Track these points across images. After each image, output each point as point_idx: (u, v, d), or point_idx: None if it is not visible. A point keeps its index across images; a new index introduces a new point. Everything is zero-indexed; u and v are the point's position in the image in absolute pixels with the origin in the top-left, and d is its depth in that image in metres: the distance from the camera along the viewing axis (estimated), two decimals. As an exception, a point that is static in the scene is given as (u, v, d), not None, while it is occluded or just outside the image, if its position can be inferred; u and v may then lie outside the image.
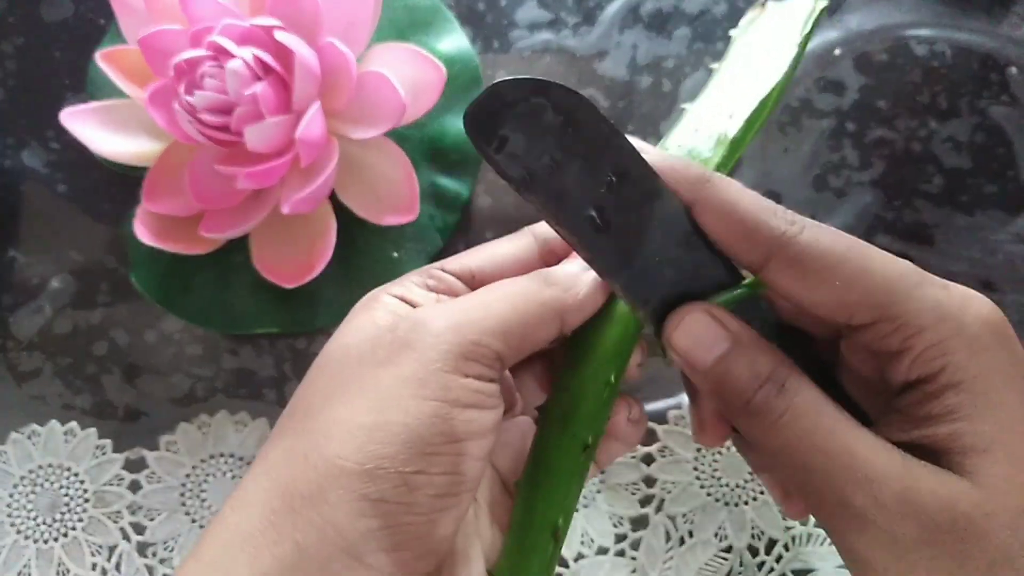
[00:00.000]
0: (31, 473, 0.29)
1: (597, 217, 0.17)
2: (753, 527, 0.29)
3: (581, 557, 0.29)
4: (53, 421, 0.30)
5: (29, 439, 0.30)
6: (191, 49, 0.25)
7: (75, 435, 0.30)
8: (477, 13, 0.32)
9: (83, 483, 0.29)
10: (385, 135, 0.27)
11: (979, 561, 0.15)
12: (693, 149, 0.21)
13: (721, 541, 0.29)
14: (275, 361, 0.30)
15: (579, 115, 0.16)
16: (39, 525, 0.29)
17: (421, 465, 0.16)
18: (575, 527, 0.29)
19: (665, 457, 0.29)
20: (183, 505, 0.29)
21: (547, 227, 0.21)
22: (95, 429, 0.30)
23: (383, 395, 0.17)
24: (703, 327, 0.18)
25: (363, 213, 0.28)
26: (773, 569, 0.29)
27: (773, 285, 0.17)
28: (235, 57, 0.25)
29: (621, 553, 0.29)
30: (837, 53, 0.32)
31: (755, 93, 0.21)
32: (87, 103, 0.28)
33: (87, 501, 0.29)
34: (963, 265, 0.30)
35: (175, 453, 0.30)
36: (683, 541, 0.29)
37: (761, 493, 0.29)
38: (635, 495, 0.29)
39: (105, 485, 0.29)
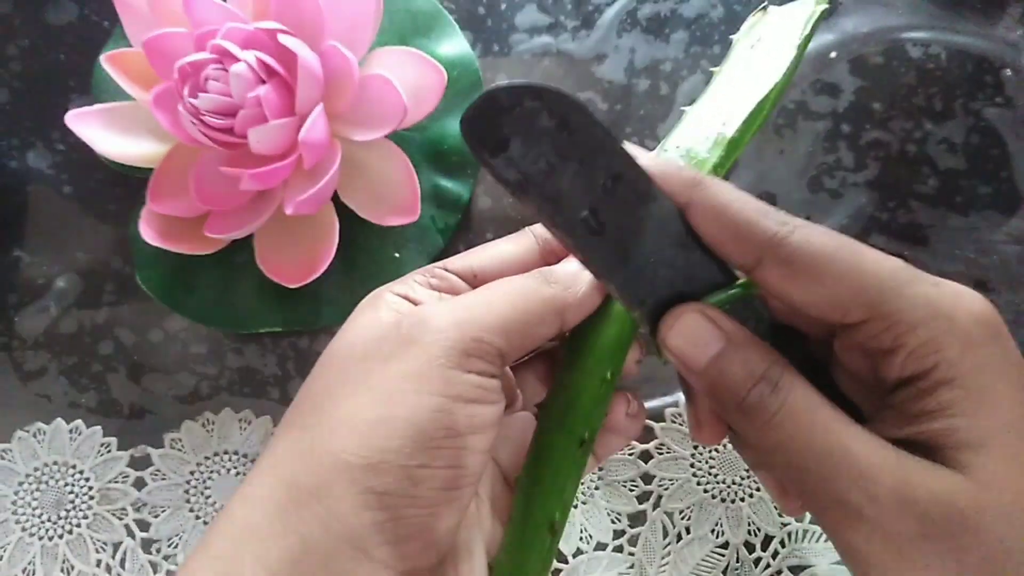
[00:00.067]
0: (36, 471, 0.30)
1: (592, 220, 0.17)
2: (750, 523, 0.29)
3: (579, 553, 0.29)
4: (58, 419, 0.30)
5: (34, 437, 0.30)
6: (195, 52, 0.26)
7: (80, 433, 0.30)
8: (477, 17, 0.33)
9: (88, 480, 0.30)
10: (387, 137, 0.27)
11: (975, 555, 0.15)
12: (691, 149, 0.21)
13: (718, 537, 0.29)
14: (278, 360, 0.31)
15: (573, 119, 0.16)
16: (44, 522, 0.30)
17: (424, 459, 0.17)
18: (574, 523, 0.29)
19: (662, 454, 0.30)
20: (187, 502, 0.30)
21: None
22: (100, 427, 0.30)
23: (387, 390, 0.17)
24: (697, 327, 0.18)
25: (365, 214, 0.28)
26: (769, 565, 0.29)
27: (766, 285, 0.17)
28: (239, 60, 0.25)
29: (619, 549, 0.29)
30: (833, 56, 0.32)
31: (753, 95, 0.21)
32: (92, 105, 0.28)
33: (92, 498, 0.30)
34: (958, 265, 0.31)
35: (180, 451, 0.30)
36: (680, 537, 0.29)
37: (757, 490, 0.29)
38: (633, 492, 0.30)
39: (110, 482, 0.30)
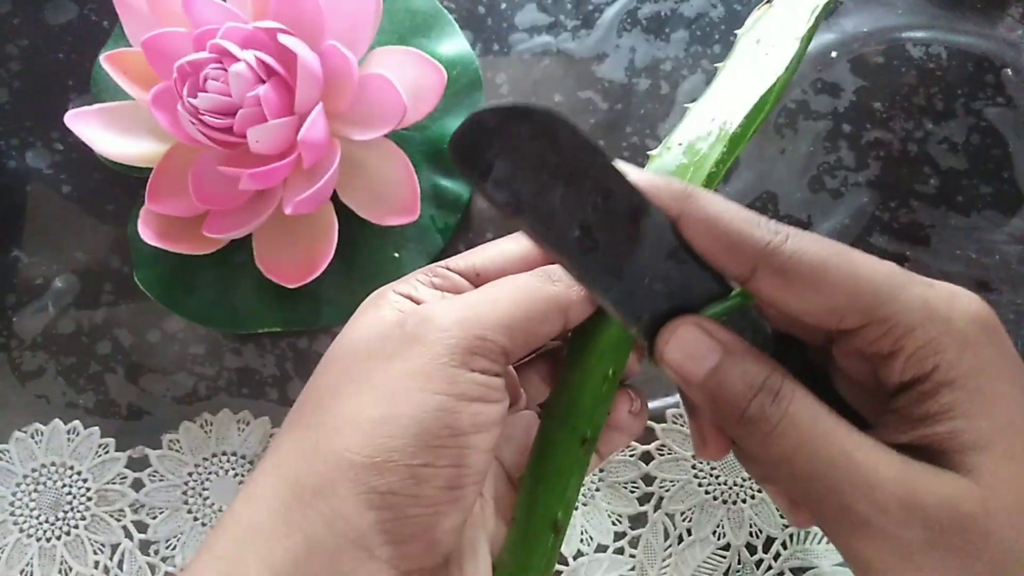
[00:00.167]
0: (34, 472, 0.30)
1: (584, 237, 0.17)
2: (751, 525, 0.29)
3: (580, 555, 0.29)
4: (56, 420, 0.30)
5: (32, 438, 0.30)
6: (195, 52, 0.26)
7: (78, 434, 0.30)
8: (477, 17, 0.32)
9: (86, 482, 0.30)
10: (386, 137, 0.27)
11: (984, 559, 0.15)
12: (694, 145, 0.21)
13: (719, 539, 0.29)
14: (277, 360, 0.31)
15: (562, 137, 0.17)
16: (42, 523, 0.29)
17: (428, 458, 0.17)
18: (574, 525, 0.29)
19: (664, 455, 0.30)
20: (186, 503, 0.29)
21: None
22: (98, 428, 0.30)
23: (391, 389, 0.17)
24: (694, 340, 0.18)
25: (365, 214, 0.28)
26: (771, 567, 0.29)
27: (761, 295, 0.17)
28: (238, 60, 0.25)
29: (620, 551, 0.29)
30: (833, 55, 0.32)
31: (756, 90, 0.21)
32: (91, 105, 0.28)
33: (90, 499, 0.29)
34: (959, 265, 0.31)
35: (178, 452, 0.30)
36: (682, 539, 0.29)
37: (759, 491, 0.29)
38: (634, 493, 0.29)
39: (108, 483, 0.30)
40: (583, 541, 0.29)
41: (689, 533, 0.29)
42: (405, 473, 0.16)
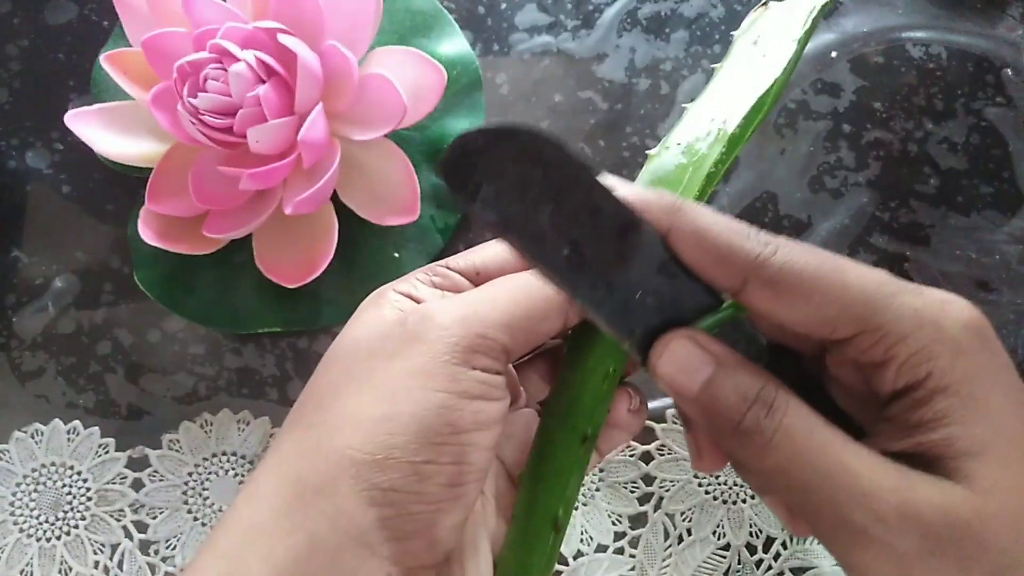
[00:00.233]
0: (34, 472, 0.30)
1: (574, 254, 0.17)
2: (751, 525, 0.29)
3: (580, 555, 0.29)
4: (56, 420, 0.30)
5: (32, 438, 0.30)
6: (195, 52, 0.26)
7: (78, 434, 0.30)
8: (477, 17, 0.32)
9: (86, 482, 0.30)
10: (386, 137, 0.27)
11: (983, 567, 0.15)
12: (692, 146, 0.21)
13: (719, 539, 0.29)
14: (277, 360, 0.31)
15: (548, 156, 0.17)
16: (42, 523, 0.29)
17: (430, 455, 0.17)
18: (574, 525, 0.29)
19: (664, 455, 0.30)
20: (185, 503, 0.29)
21: None
22: (98, 428, 0.30)
23: (393, 387, 0.17)
24: (686, 353, 0.18)
25: (365, 214, 0.28)
26: (771, 567, 0.29)
27: (752, 307, 0.17)
28: (238, 60, 0.25)
29: (620, 551, 0.29)
30: (833, 55, 0.32)
31: (754, 91, 0.21)
32: (91, 105, 0.28)
33: (90, 499, 0.29)
34: (959, 265, 0.31)
35: (178, 452, 0.30)
36: (682, 539, 0.29)
37: (759, 491, 0.29)
38: (634, 493, 0.29)
39: (108, 483, 0.30)
40: (583, 541, 0.29)
41: (689, 533, 0.29)
42: (407, 470, 0.16)
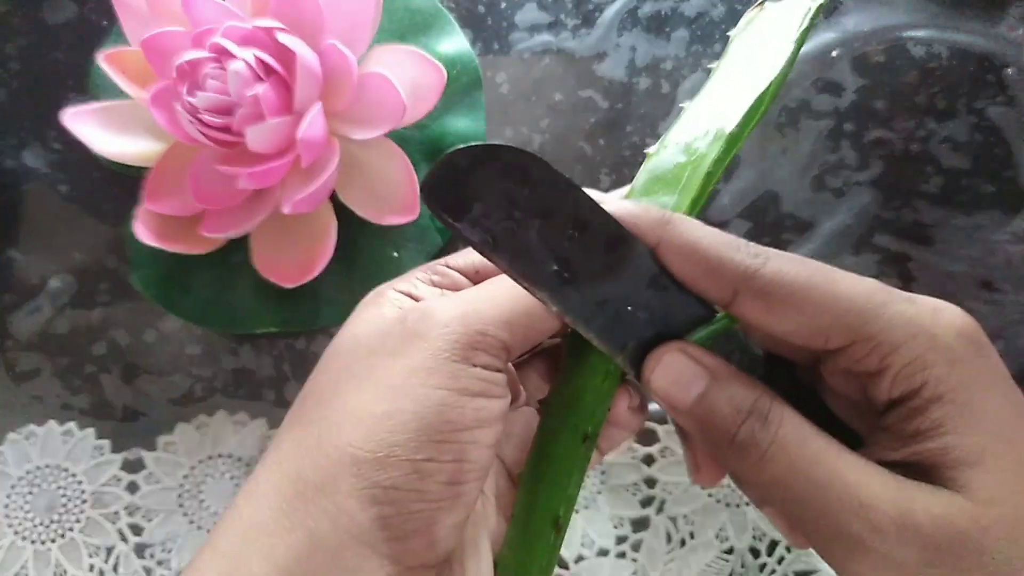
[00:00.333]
0: (29, 474, 0.29)
1: (562, 270, 0.17)
2: (754, 528, 0.29)
3: (582, 559, 0.29)
4: (51, 421, 0.30)
5: (27, 439, 0.30)
6: (193, 50, 0.26)
7: (73, 435, 0.30)
8: (477, 15, 0.32)
9: (81, 484, 0.29)
10: (386, 136, 0.27)
11: (981, 575, 0.15)
12: (690, 145, 0.21)
13: (722, 542, 0.29)
14: (274, 361, 0.30)
15: (534, 173, 0.17)
16: (36, 526, 0.29)
17: (431, 453, 0.17)
18: (576, 528, 0.29)
19: (666, 458, 0.29)
20: (181, 506, 0.29)
21: None
22: (93, 429, 0.30)
23: (393, 384, 0.17)
24: (679, 366, 0.17)
25: (364, 213, 0.28)
26: (775, 571, 0.29)
27: (744, 319, 0.17)
28: (237, 58, 0.25)
29: (622, 554, 0.29)
30: (835, 54, 0.32)
31: (752, 89, 0.21)
32: (89, 104, 0.28)
33: (85, 502, 0.29)
34: (962, 265, 0.31)
35: (173, 454, 0.29)
36: (684, 542, 0.29)
37: (762, 494, 0.29)
38: (636, 496, 0.29)
39: (103, 486, 0.29)
40: (584, 544, 0.29)
41: (692, 536, 0.29)
42: (408, 468, 0.16)
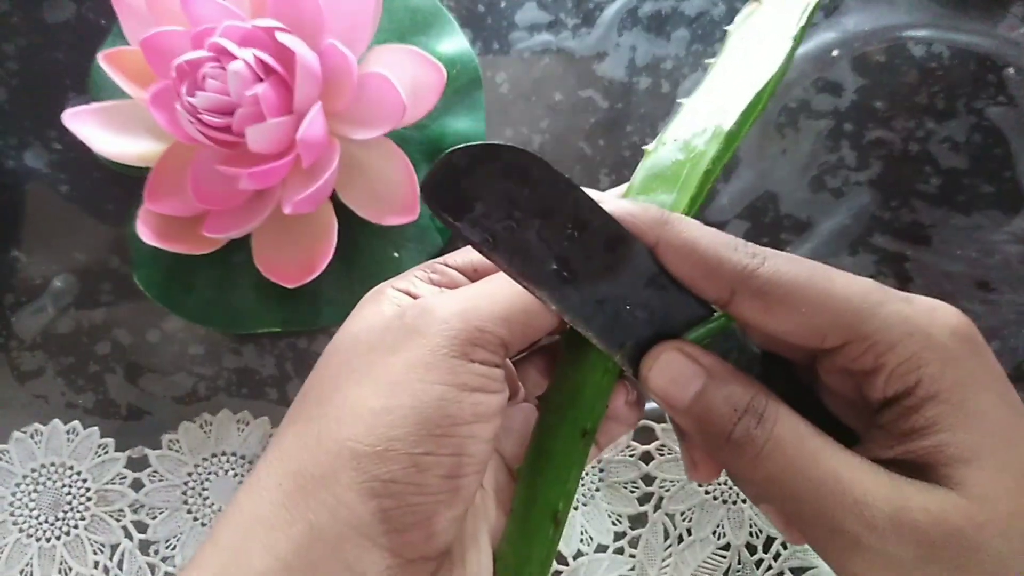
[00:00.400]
0: (34, 472, 0.30)
1: (562, 269, 0.17)
2: (751, 525, 0.29)
3: (580, 555, 0.29)
4: (56, 420, 0.30)
5: (32, 438, 0.30)
6: (193, 50, 0.26)
7: (77, 434, 0.30)
8: (477, 15, 0.32)
9: (85, 482, 0.30)
10: (386, 136, 0.27)
11: (976, 572, 0.15)
12: (689, 142, 0.21)
13: (719, 539, 0.29)
14: (277, 360, 0.30)
15: (533, 173, 0.17)
16: (41, 524, 0.29)
17: (430, 447, 0.17)
18: (574, 525, 0.29)
19: (664, 455, 0.30)
20: (185, 504, 0.29)
21: None
22: (97, 428, 0.30)
23: (393, 380, 0.17)
24: (677, 365, 0.18)
25: (364, 213, 0.28)
26: (771, 567, 0.29)
27: (741, 318, 0.18)
28: (237, 58, 0.25)
29: (620, 551, 0.29)
30: (835, 54, 0.32)
31: (750, 86, 0.21)
32: (89, 104, 0.28)
33: (89, 500, 0.29)
34: (960, 265, 0.31)
35: (177, 452, 0.30)
36: (682, 539, 0.29)
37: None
38: (634, 493, 0.29)
39: (107, 484, 0.30)
40: (583, 541, 0.29)
41: (689, 533, 0.29)
42: (407, 462, 0.17)
